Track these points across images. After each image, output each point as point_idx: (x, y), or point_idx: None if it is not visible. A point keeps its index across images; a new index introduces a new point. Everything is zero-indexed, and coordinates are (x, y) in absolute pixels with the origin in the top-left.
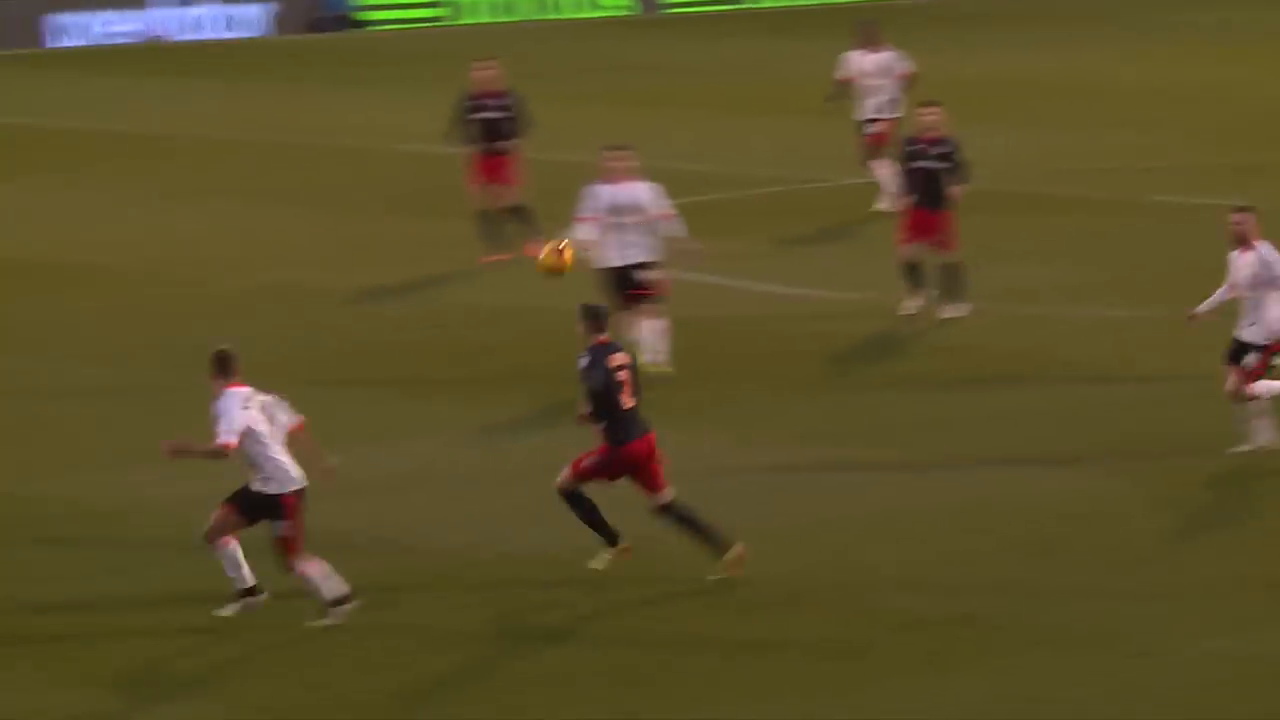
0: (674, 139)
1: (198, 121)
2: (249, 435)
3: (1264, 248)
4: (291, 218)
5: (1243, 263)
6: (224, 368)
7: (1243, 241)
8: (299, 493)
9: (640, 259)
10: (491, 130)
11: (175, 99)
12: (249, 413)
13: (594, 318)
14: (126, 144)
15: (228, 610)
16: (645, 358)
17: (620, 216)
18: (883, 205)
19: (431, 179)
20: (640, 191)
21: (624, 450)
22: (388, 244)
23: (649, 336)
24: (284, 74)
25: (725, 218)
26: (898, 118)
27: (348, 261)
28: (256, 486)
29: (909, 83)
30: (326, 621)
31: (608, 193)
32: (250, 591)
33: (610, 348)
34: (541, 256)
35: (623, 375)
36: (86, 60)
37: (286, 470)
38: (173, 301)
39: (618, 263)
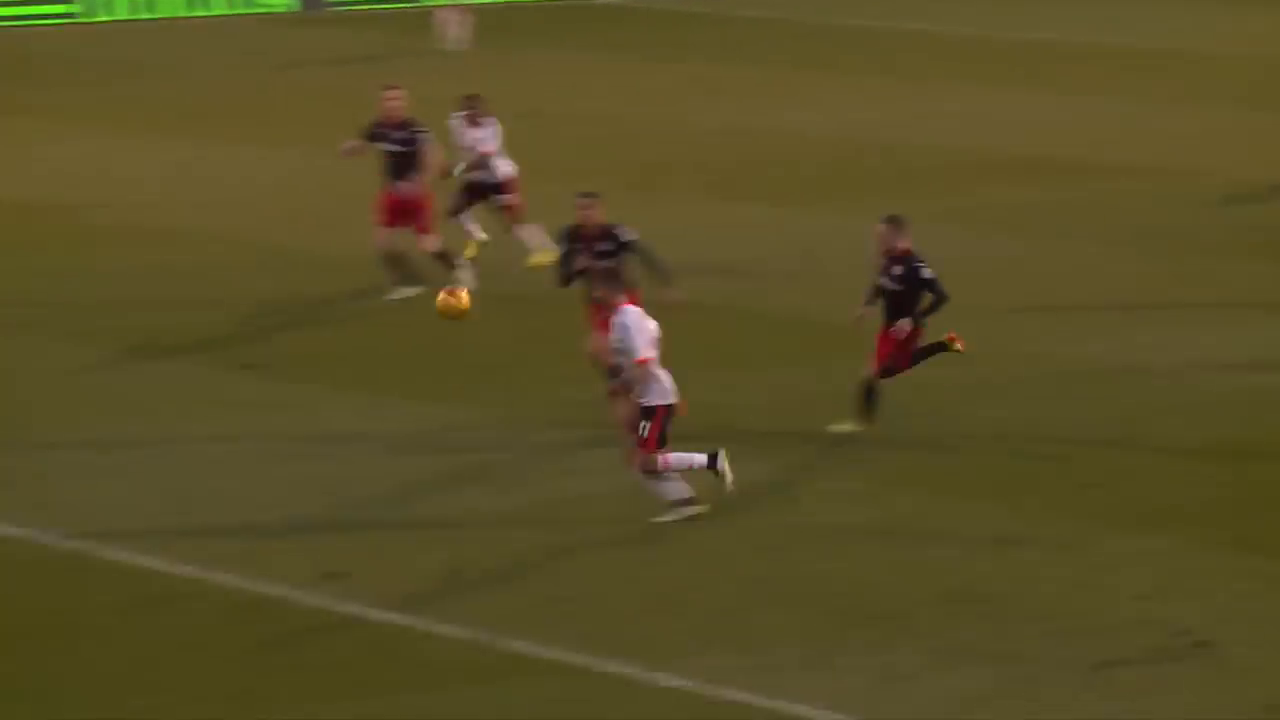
0: None
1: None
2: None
3: None
4: None
5: None
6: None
7: None
8: (671, 406)
9: None
10: None
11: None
12: (651, 326)
13: (903, 226)
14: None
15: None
16: None
17: None
18: None
19: None
20: None
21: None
22: None
23: None
24: None
25: None
26: None
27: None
28: (638, 398)
29: None
30: (666, 518)
31: None
32: (713, 459)
33: None
34: (439, 301)
35: None
36: None
37: (665, 385)
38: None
39: None
